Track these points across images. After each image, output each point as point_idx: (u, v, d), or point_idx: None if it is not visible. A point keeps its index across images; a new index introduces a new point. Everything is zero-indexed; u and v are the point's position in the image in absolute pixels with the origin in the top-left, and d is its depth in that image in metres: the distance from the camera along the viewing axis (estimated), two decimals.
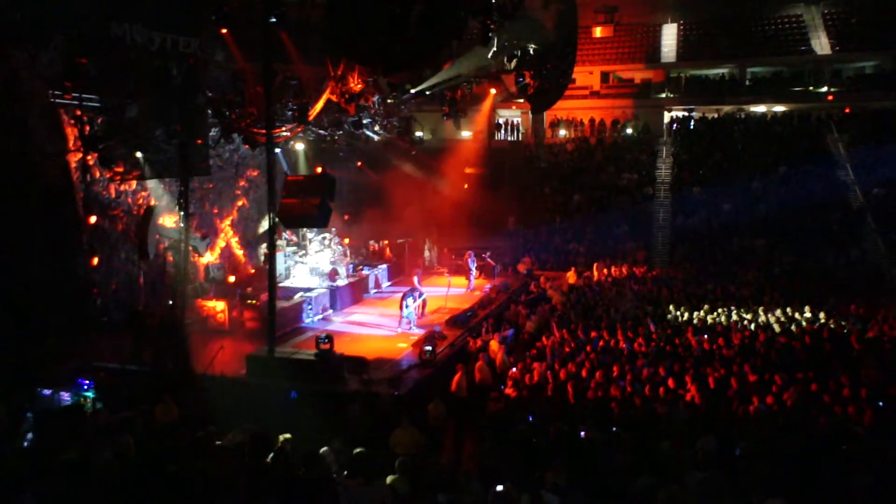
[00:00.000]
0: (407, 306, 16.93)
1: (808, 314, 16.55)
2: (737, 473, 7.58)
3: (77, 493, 4.45)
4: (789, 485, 7.66)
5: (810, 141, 28.20)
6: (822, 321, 15.86)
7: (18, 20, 13.13)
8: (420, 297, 17.78)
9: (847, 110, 30.21)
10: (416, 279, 19.49)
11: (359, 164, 25.34)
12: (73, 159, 15.21)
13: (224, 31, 15.73)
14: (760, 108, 32.73)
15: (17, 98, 13.83)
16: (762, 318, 16.36)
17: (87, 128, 14.25)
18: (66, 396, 11.79)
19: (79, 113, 13.91)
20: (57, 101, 14.15)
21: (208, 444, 6.29)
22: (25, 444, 8.05)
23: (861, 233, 23.60)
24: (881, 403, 10.53)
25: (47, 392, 11.84)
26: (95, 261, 15.89)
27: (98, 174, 15.70)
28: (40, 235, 14.36)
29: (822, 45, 32.37)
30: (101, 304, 16.22)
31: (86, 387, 12.06)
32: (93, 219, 15.42)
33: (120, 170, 14.82)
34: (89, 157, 14.43)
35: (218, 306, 17.15)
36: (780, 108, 32.43)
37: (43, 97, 14.06)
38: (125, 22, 13.15)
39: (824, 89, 31.40)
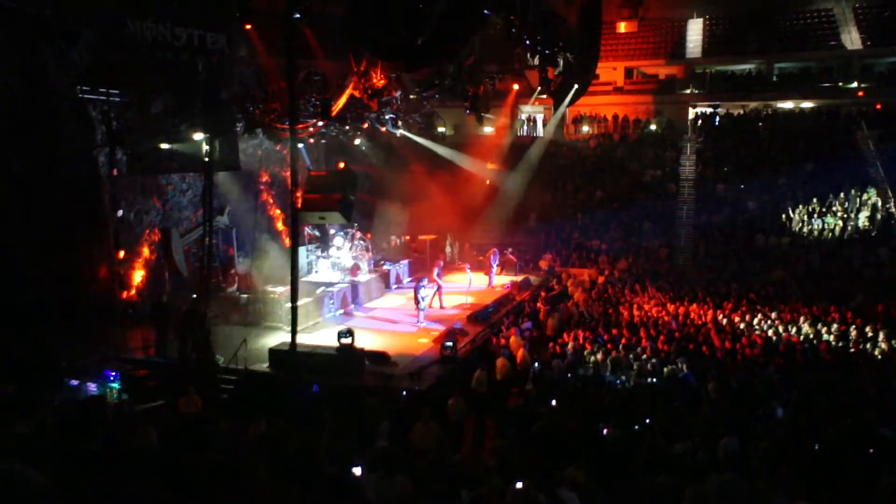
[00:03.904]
0: (423, 298, 16.96)
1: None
2: (759, 475, 7.50)
3: (100, 483, 4.51)
4: (814, 487, 7.56)
5: (839, 137, 27.68)
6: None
7: (48, 16, 13.34)
8: (431, 286, 17.72)
9: (878, 106, 29.58)
10: (436, 271, 19.36)
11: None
12: (100, 154, 15.44)
13: (248, 26, 15.85)
14: (787, 105, 32.20)
15: (46, 93, 14.07)
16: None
17: (114, 123, 14.47)
18: (92, 387, 11.98)
19: (106, 108, 14.12)
20: (85, 96, 14.38)
21: (231, 436, 6.35)
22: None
23: (891, 231, 23.13)
24: None
25: (74, 383, 12.05)
26: (121, 254, 16.13)
27: (124, 169, 15.93)
28: (68, 228, 14.60)
29: (852, 39, 31.72)
30: (127, 297, 16.47)
31: (112, 378, 12.26)
32: (119, 212, 15.65)
33: (145, 164, 15.03)
34: (115, 152, 14.65)
35: (242, 300, 17.34)
36: (807, 105, 31.87)
37: (71, 92, 14.29)
38: (138, 19, 13.30)
39: (854, 85, 30.77)
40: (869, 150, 26.45)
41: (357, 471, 5.72)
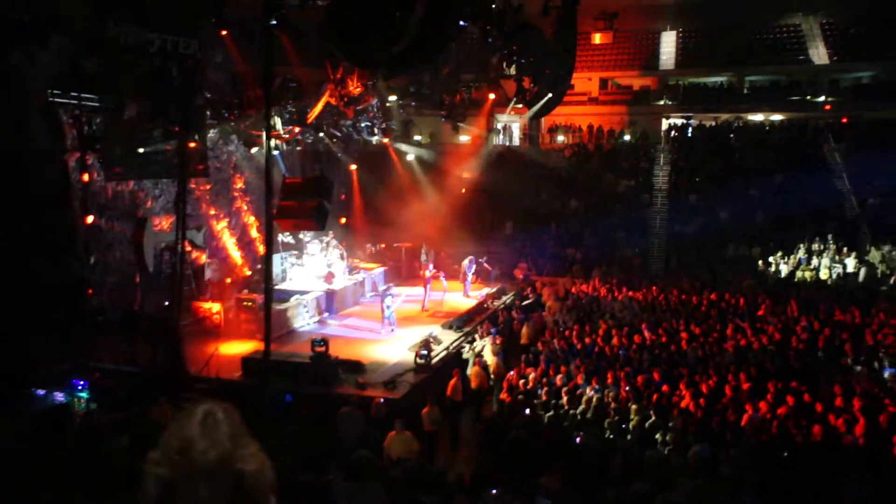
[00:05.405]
0: (388, 307, 16.97)
1: None
2: (729, 481, 7.60)
3: (71, 492, 4.44)
4: (781, 494, 7.68)
5: (807, 150, 28.28)
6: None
7: (20, 19, 13.13)
8: (398, 295, 17.78)
9: (844, 120, 30.29)
10: (427, 272, 19.68)
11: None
12: (71, 159, 15.20)
13: (224, 32, 15.76)
14: (758, 117, 32.84)
15: (16, 97, 13.82)
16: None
17: (86, 127, 14.27)
18: (60, 396, 11.76)
19: (77, 113, 13.92)
20: (56, 100, 14.15)
21: None
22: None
23: (856, 242, 23.65)
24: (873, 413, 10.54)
25: (41, 392, 11.81)
26: (91, 260, 15.88)
27: (96, 174, 15.69)
28: (37, 235, 14.33)
29: (819, 54, 32.50)
30: (97, 304, 16.20)
31: (80, 387, 12.03)
32: (89, 219, 15.41)
33: (117, 170, 14.84)
34: (87, 157, 14.44)
35: (214, 308, 17.15)
36: (777, 117, 32.54)
37: (42, 96, 14.05)
38: (120, 23, 13.16)
39: (822, 99, 31.49)
40: (836, 163, 27.06)
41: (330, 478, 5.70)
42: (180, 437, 1.63)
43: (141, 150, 14.71)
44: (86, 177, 14.68)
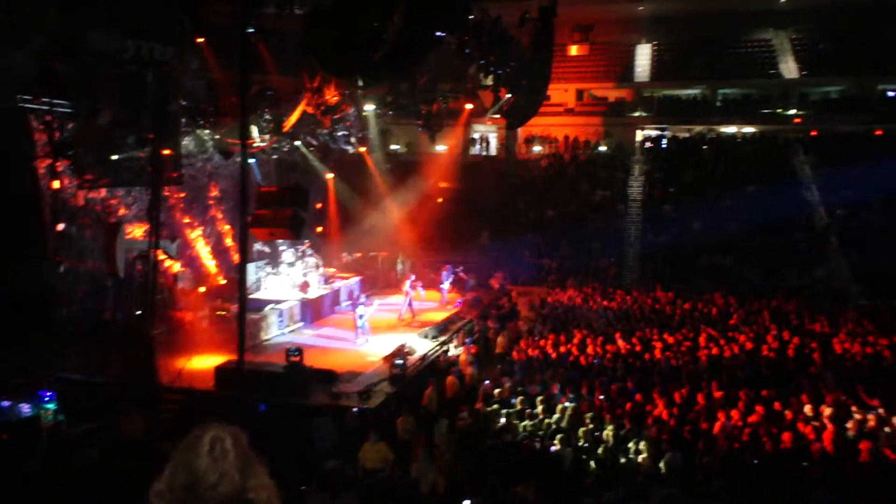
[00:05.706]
0: (360, 316, 16.91)
1: None
2: (701, 489, 7.68)
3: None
4: (752, 501, 7.78)
5: (778, 162, 28.81)
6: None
7: None
8: (369, 305, 17.68)
9: (813, 133, 30.92)
10: (408, 283, 19.70)
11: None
12: (42, 165, 14.95)
13: (201, 39, 15.65)
14: (730, 129, 33.38)
15: None
16: None
17: (57, 133, 14.05)
18: (26, 408, 11.53)
19: (49, 118, 13.71)
20: (25, 105, 13.93)
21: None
22: None
23: (825, 252, 24.13)
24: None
25: (6, 404, 11.57)
26: (62, 269, 15.61)
27: (67, 181, 15.45)
28: (5, 242, 14.07)
29: (789, 69, 33.19)
30: (67, 314, 15.92)
31: (47, 398, 11.80)
32: (60, 226, 15.16)
33: (89, 177, 14.62)
34: (58, 164, 14.22)
35: (187, 317, 16.96)
36: (749, 130, 33.11)
37: (10, 101, 13.82)
38: (98, 29, 13.02)
39: (792, 112, 32.13)
40: (805, 175, 27.60)
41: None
42: (188, 469, 1.55)
43: (114, 157, 14.49)
44: (56, 183, 14.44)
